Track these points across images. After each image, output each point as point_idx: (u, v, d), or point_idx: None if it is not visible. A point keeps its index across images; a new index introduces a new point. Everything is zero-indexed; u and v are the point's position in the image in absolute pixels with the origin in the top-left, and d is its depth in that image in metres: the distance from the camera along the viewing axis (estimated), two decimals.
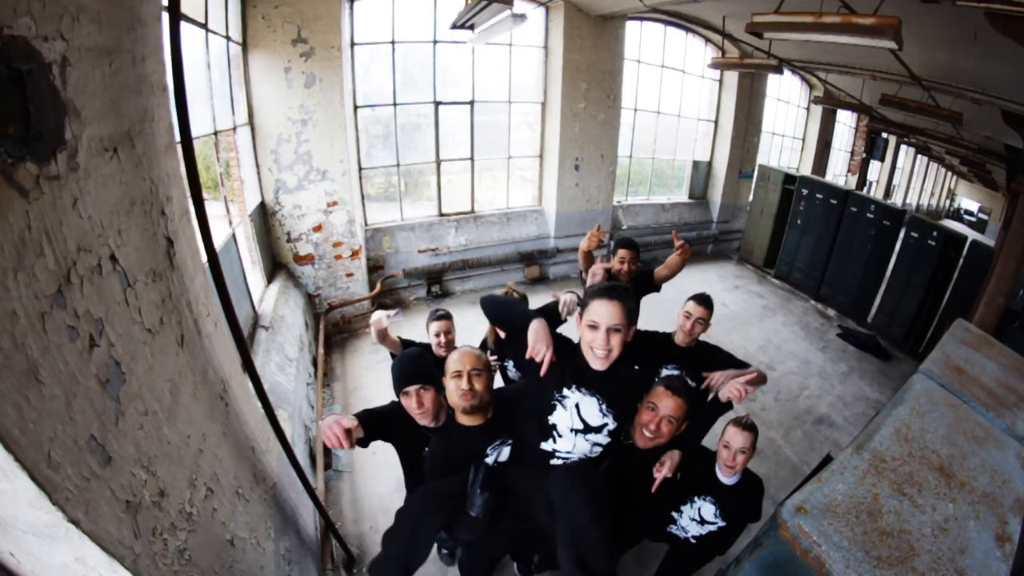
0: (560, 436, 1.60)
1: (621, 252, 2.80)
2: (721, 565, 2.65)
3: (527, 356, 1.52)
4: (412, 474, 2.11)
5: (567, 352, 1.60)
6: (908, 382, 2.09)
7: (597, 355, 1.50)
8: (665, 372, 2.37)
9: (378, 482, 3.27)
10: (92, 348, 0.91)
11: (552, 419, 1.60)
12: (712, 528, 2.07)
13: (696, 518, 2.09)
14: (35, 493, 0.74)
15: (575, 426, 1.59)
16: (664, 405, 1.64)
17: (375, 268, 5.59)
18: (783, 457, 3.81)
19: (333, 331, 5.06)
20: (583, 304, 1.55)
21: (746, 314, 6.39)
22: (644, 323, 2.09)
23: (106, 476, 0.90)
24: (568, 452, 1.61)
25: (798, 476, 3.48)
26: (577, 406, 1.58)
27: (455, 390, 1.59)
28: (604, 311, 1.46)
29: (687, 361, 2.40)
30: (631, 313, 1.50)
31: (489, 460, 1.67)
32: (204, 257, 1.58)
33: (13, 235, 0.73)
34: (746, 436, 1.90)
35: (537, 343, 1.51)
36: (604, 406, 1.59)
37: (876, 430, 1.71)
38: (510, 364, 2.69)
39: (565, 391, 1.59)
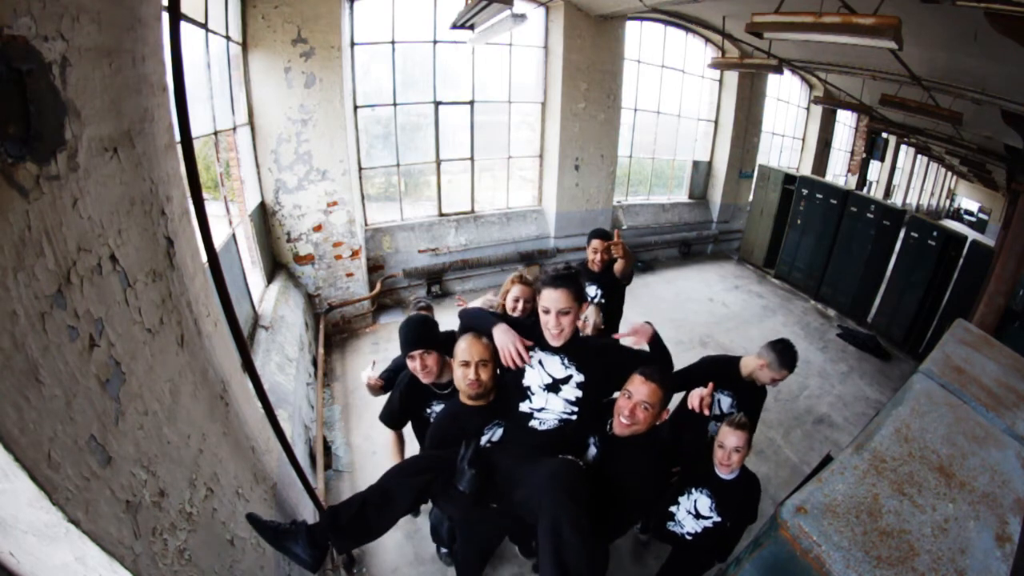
0: (534, 394, 1.75)
1: (595, 243, 2.88)
2: (722, 566, 2.65)
3: (504, 365, 1.71)
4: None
5: (532, 326, 1.79)
6: (908, 382, 2.09)
7: (552, 333, 1.70)
8: (718, 396, 2.39)
9: None
10: (92, 348, 0.91)
11: (525, 381, 1.76)
12: (708, 524, 2.06)
13: (692, 511, 2.09)
14: (35, 493, 0.75)
15: (544, 382, 1.75)
16: (638, 391, 1.67)
17: (375, 268, 5.59)
18: (783, 457, 3.81)
19: (333, 331, 5.06)
20: (536, 292, 1.77)
21: (746, 314, 6.40)
22: (647, 316, 2.14)
23: (106, 476, 0.90)
24: (542, 409, 1.75)
25: (798, 476, 3.49)
26: (541, 362, 1.76)
27: (462, 378, 1.75)
28: (552, 297, 1.66)
29: (741, 393, 2.38)
30: (579, 293, 1.69)
31: (484, 440, 1.78)
32: (204, 257, 1.58)
33: (13, 235, 0.73)
34: (739, 435, 1.93)
35: (504, 347, 1.69)
36: (565, 360, 1.75)
37: (876, 430, 1.71)
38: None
39: (531, 353, 1.76)
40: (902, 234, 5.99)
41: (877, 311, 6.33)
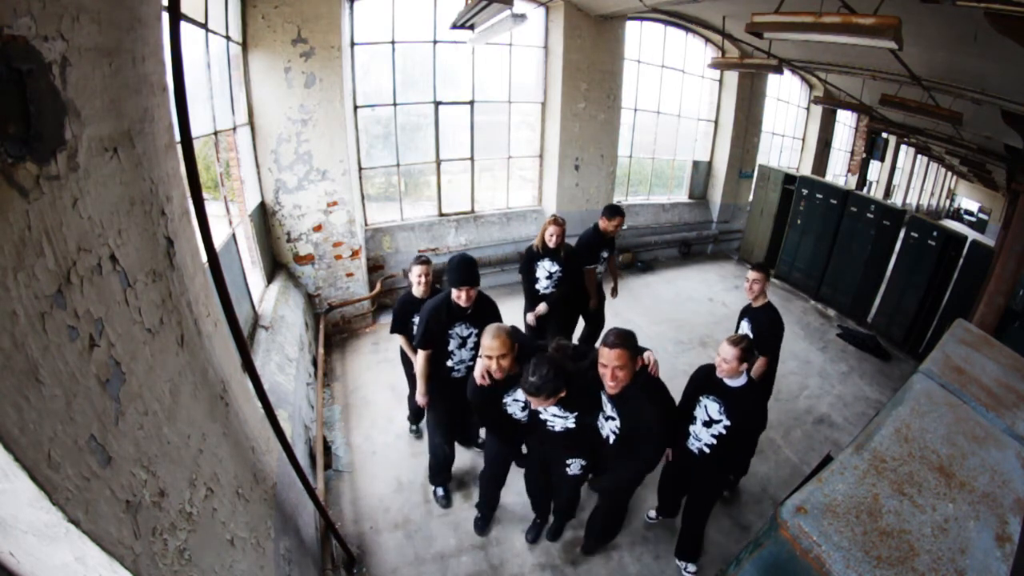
0: (544, 412, 2.36)
1: (617, 219, 3.81)
2: (722, 565, 2.65)
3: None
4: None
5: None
6: (908, 382, 2.09)
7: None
8: (741, 324, 3.32)
9: (378, 482, 3.28)
10: (92, 348, 0.91)
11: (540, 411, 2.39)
12: (720, 429, 2.37)
13: (705, 419, 2.42)
14: (35, 493, 0.75)
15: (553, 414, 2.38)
16: (606, 357, 2.07)
17: (375, 268, 5.59)
18: (783, 457, 3.81)
19: (333, 331, 5.06)
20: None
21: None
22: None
23: (106, 476, 0.90)
24: (552, 422, 2.39)
25: (798, 476, 3.49)
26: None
27: (489, 366, 2.19)
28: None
29: (751, 317, 3.24)
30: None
31: (508, 398, 2.41)
32: (204, 257, 1.58)
33: (13, 235, 0.73)
34: (732, 350, 2.26)
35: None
36: (562, 409, 2.32)
37: (876, 430, 1.71)
38: (545, 263, 3.70)
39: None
40: (902, 234, 5.98)
41: (877, 311, 6.33)
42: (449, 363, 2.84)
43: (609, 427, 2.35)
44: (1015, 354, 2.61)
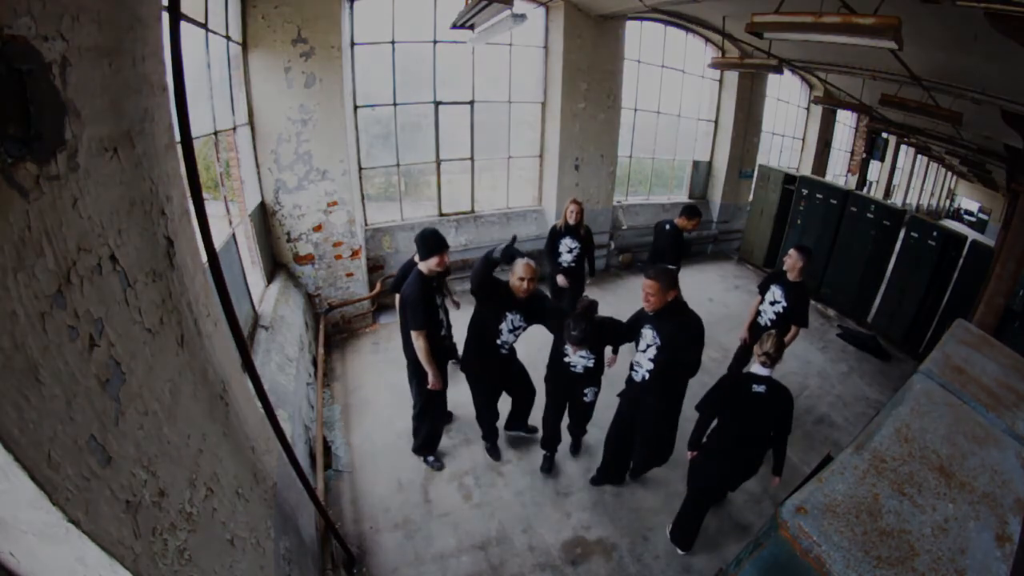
0: (572, 356, 2.96)
1: (697, 219, 4.58)
2: (721, 564, 2.65)
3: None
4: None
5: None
6: (908, 382, 2.09)
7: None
8: (773, 287, 3.89)
9: (378, 482, 3.28)
10: (92, 348, 0.91)
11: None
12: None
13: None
14: (35, 493, 0.75)
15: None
16: (643, 285, 2.66)
17: (375, 268, 5.58)
18: None
19: (333, 331, 5.06)
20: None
21: (746, 314, 6.38)
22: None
23: (106, 476, 0.90)
24: (576, 364, 2.97)
25: (798, 476, 3.48)
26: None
27: (519, 286, 2.78)
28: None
29: (786, 287, 3.77)
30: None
31: (509, 315, 2.90)
32: (204, 257, 1.58)
33: (13, 235, 0.73)
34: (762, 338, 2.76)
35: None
36: (588, 351, 2.90)
37: (876, 430, 1.71)
38: (567, 240, 4.34)
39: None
40: (902, 234, 5.98)
41: (877, 311, 6.33)
42: (441, 332, 3.09)
43: (646, 360, 2.74)
44: (1015, 354, 2.61)
